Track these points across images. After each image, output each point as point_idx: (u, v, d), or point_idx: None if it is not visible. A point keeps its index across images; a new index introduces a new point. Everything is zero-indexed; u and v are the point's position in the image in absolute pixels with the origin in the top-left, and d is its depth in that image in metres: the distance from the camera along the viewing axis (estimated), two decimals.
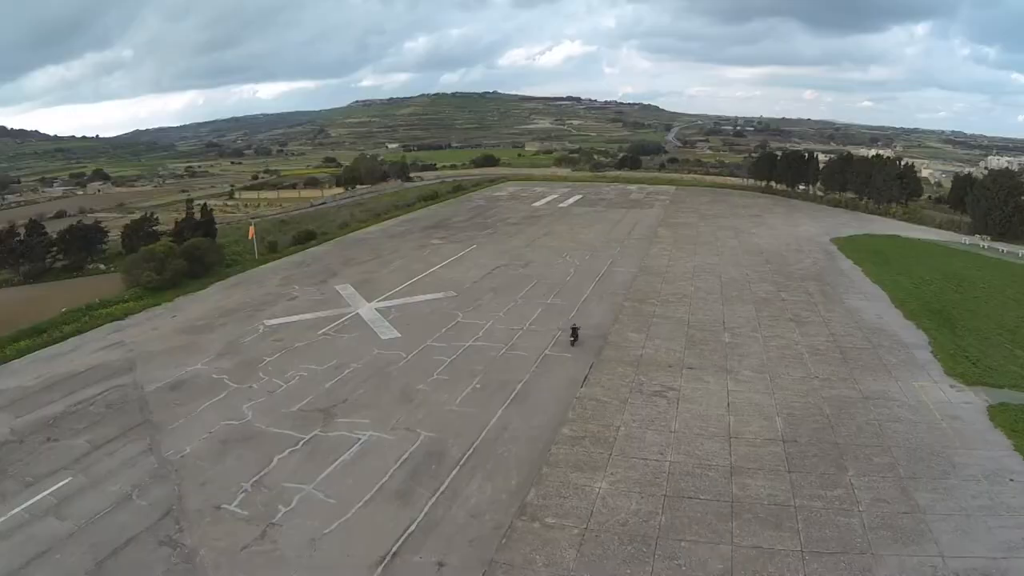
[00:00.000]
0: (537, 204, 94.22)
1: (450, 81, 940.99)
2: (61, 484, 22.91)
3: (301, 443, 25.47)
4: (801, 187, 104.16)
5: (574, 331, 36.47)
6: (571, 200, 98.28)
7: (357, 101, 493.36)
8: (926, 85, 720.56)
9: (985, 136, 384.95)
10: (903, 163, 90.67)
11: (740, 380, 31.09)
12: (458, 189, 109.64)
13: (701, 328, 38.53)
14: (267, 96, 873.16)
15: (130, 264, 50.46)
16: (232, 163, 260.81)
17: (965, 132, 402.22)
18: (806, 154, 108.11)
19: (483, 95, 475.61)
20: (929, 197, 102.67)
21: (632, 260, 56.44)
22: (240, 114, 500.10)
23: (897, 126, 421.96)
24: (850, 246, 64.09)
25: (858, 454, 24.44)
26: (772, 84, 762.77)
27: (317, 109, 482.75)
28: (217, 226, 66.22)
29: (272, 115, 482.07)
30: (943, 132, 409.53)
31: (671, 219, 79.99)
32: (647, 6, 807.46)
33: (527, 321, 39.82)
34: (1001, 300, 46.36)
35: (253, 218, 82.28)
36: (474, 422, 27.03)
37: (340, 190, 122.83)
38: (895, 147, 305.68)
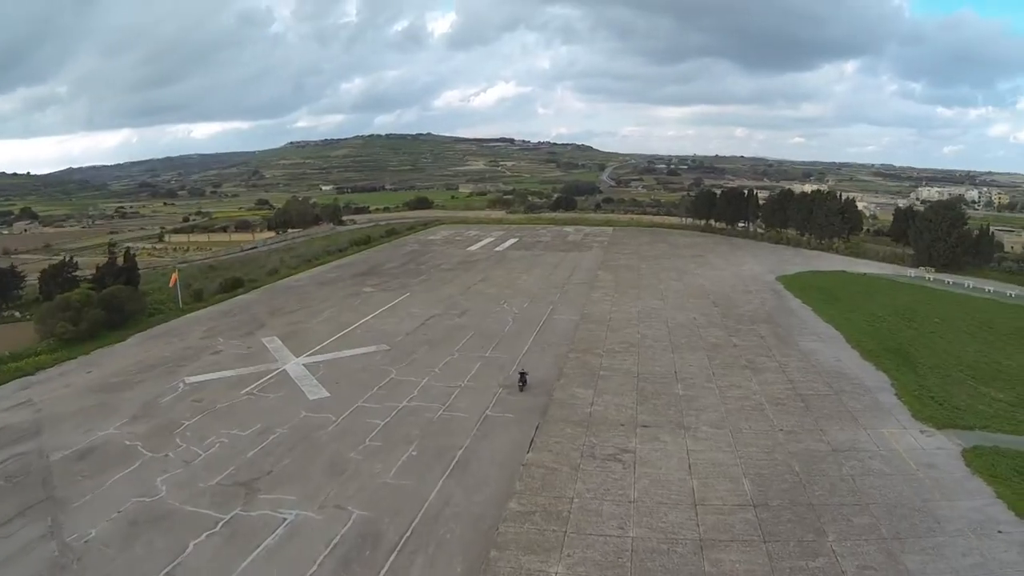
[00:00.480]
0: (472, 248, 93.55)
1: (385, 122, 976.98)
2: None
3: (220, 524, 22.95)
4: (741, 225, 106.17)
5: (522, 376, 35.92)
6: (507, 243, 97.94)
7: (291, 142, 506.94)
8: (855, 120, 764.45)
9: (914, 168, 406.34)
10: (844, 198, 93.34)
11: (699, 437, 29.71)
12: (391, 233, 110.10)
13: (652, 380, 37.23)
14: (201, 136, 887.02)
15: (44, 313, 47.56)
16: (164, 204, 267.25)
17: (894, 165, 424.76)
18: (745, 191, 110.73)
19: (417, 136, 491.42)
20: (867, 230, 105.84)
21: (573, 307, 55.36)
22: (174, 154, 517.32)
23: (828, 161, 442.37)
24: (797, 284, 64.77)
25: (836, 515, 23.23)
26: (705, 123, 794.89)
27: (251, 150, 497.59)
28: (142, 272, 64.49)
29: (206, 155, 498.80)
30: (873, 165, 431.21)
31: (611, 261, 79.96)
32: (581, 47, 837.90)
33: (465, 377, 37.95)
34: (956, 334, 47.18)
35: (182, 263, 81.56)
36: (412, 497, 24.81)
37: (272, 234, 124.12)
38: (827, 181, 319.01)
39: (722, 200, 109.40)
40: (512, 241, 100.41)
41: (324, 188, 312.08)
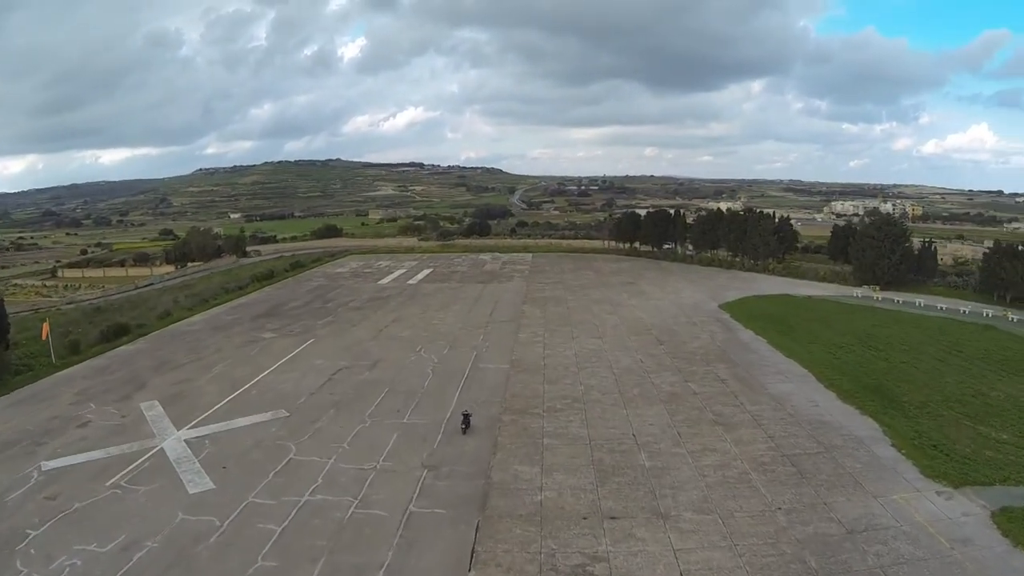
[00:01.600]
0: (383, 282, 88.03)
1: (294, 148, 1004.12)
2: None
3: None
4: (667, 246, 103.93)
5: (465, 418, 34.16)
6: (421, 275, 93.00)
7: (200, 169, 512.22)
8: (763, 138, 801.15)
9: (822, 183, 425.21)
10: (778, 216, 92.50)
11: (683, 529, 24.26)
12: (297, 266, 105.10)
13: (609, 448, 31.73)
14: (109, 162, 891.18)
15: None
16: (67, 234, 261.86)
17: (803, 180, 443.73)
18: (672, 211, 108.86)
19: (327, 163, 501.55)
20: (797, 247, 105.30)
21: (501, 351, 49.91)
22: (81, 181, 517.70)
23: (738, 178, 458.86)
24: (743, 312, 61.73)
25: None
26: (615, 143, 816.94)
27: (160, 177, 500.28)
28: (24, 315, 60.38)
29: (114, 182, 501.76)
30: (782, 181, 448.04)
31: (536, 293, 75.41)
32: (490, 71, 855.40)
33: (380, 455, 31.51)
34: (929, 363, 45.03)
35: (69, 303, 77.27)
36: None
37: (170, 268, 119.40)
38: (739, 198, 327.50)
39: (647, 221, 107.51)
40: (426, 272, 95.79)
41: (233, 216, 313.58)
